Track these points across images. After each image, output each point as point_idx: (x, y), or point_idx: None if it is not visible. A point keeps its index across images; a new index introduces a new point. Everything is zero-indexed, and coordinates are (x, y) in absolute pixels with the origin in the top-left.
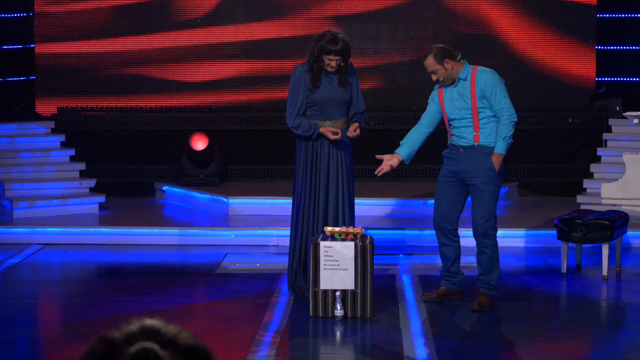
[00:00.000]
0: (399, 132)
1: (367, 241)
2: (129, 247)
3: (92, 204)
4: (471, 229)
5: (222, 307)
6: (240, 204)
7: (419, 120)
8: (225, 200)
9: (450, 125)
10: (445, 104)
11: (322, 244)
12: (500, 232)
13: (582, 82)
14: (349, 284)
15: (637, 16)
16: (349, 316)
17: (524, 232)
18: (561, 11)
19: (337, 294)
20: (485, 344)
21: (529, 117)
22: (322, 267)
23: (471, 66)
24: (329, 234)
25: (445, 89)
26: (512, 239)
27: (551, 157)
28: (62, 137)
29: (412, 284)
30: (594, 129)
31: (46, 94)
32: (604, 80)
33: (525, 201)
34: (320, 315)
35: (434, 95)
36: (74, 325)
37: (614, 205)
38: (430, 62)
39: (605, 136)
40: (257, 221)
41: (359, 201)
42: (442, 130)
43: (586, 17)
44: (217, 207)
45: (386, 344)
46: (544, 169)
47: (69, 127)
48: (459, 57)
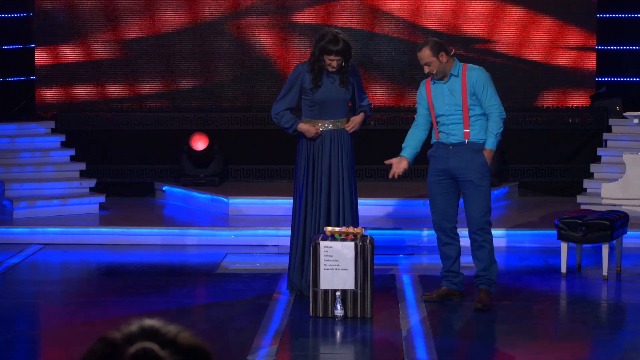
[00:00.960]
0: (399, 132)
1: (367, 241)
2: (129, 247)
3: (92, 204)
4: (466, 229)
5: (222, 307)
6: (240, 204)
7: (411, 126)
8: (225, 200)
9: (438, 122)
10: (434, 99)
11: (322, 244)
12: (500, 232)
13: (582, 82)
14: (349, 284)
15: (637, 16)
16: (349, 316)
17: (524, 232)
18: (561, 11)
19: (337, 294)
20: (485, 344)
21: (529, 117)
22: (322, 267)
23: (461, 63)
24: (329, 234)
25: (434, 84)
26: (512, 239)
27: (551, 157)
28: (62, 137)
29: (412, 284)
30: (594, 129)
31: (46, 94)
32: (604, 80)
33: (525, 201)
34: (320, 315)
35: (422, 92)
36: (74, 325)
37: (614, 205)
38: (426, 54)
39: (605, 136)
40: (257, 221)
41: (360, 201)
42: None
43: (586, 17)
44: (217, 207)
45: (386, 344)
46: (544, 169)
47: (69, 127)
48: (452, 52)
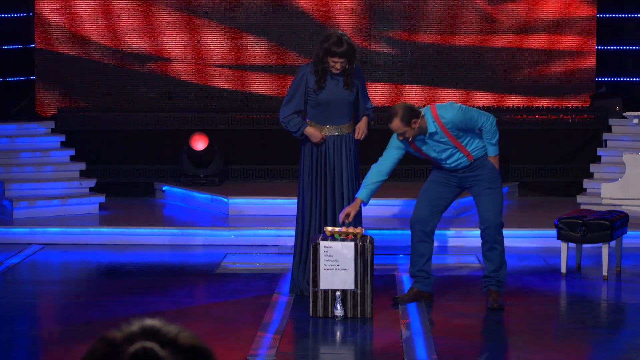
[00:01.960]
0: None
1: (367, 241)
2: (129, 247)
3: (92, 204)
4: (472, 229)
5: (222, 307)
6: (240, 204)
7: (375, 165)
8: (225, 200)
9: (438, 163)
10: (423, 150)
11: (322, 244)
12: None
13: (582, 82)
14: (349, 284)
15: (637, 16)
16: (349, 316)
17: (524, 232)
18: (561, 11)
19: (337, 294)
20: (485, 344)
21: (529, 117)
22: (322, 267)
23: (429, 111)
24: (329, 234)
25: (416, 141)
26: (512, 239)
27: (551, 157)
28: (62, 137)
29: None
30: (594, 129)
31: (46, 94)
32: (604, 80)
33: (525, 201)
34: (320, 315)
35: (404, 143)
36: (74, 325)
37: (614, 205)
38: (397, 126)
39: (605, 136)
40: (257, 221)
41: None
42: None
43: (586, 17)
44: (217, 207)
45: (386, 344)
46: (544, 169)
47: (69, 127)
48: (422, 112)
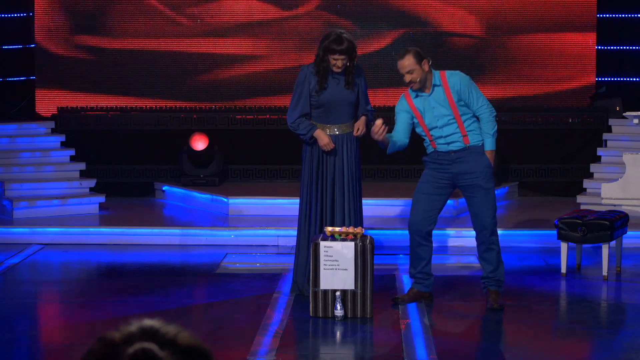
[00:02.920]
0: None
1: (367, 241)
2: (129, 247)
3: (92, 204)
4: (472, 229)
5: (222, 307)
6: (240, 204)
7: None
8: (225, 200)
9: (433, 134)
10: (423, 113)
11: (322, 244)
12: (500, 232)
13: (582, 82)
14: (349, 284)
15: (637, 16)
16: (349, 316)
17: (524, 232)
18: (561, 11)
19: (337, 294)
20: (485, 344)
21: (529, 117)
22: (322, 267)
23: (437, 71)
24: (329, 234)
25: (416, 99)
26: (512, 239)
27: (551, 157)
28: (62, 137)
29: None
30: (594, 129)
31: (46, 94)
32: (604, 80)
33: (525, 201)
34: (320, 315)
35: (404, 105)
36: (74, 325)
37: (614, 205)
38: (409, 62)
39: (605, 136)
40: (257, 221)
41: None
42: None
43: (586, 17)
44: (217, 207)
45: (386, 344)
46: (544, 169)
47: (69, 127)
48: (430, 63)
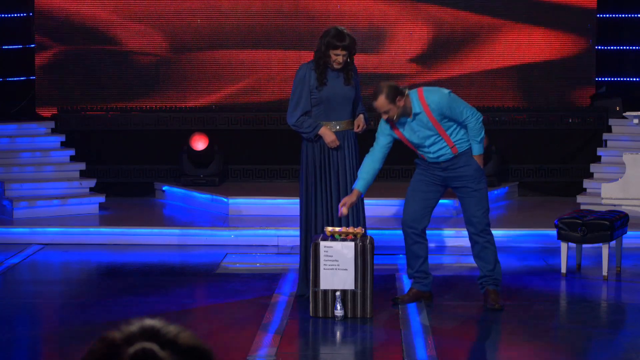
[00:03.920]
0: None
1: (367, 241)
2: (129, 247)
3: (92, 204)
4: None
5: (222, 307)
6: (240, 204)
7: (367, 155)
8: (225, 200)
9: (420, 151)
10: (406, 134)
11: (322, 244)
12: (500, 232)
13: (582, 82)
14: (349, 284)
15: (637, 16)
16: (349, 316)
17: (524, 232)
18: (561, 11)
19: (337, 294)
20: (485, 344)
21: (529, 117)
22: (322, 267)
23: (415, 92)
24: (329, 234)
25: (398, 123)
26: (512, 239)
27: (551, 157)
28: (62, 137)
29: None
30: (594, 129)
31: (46, 94)
32: (604, 80)
33: (525, 201)
34: (320, 315)
35: (385, 128)
36: (74, 325)
37: (614, 205)
38: (382, 103)
39: (605, 136)
40: (257, 221)
41: None
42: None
43: (586, 17)
44: (217, 207)
45: (386, 344)
46: (544, 169)
47: (69, 127)
48: (406, 92)
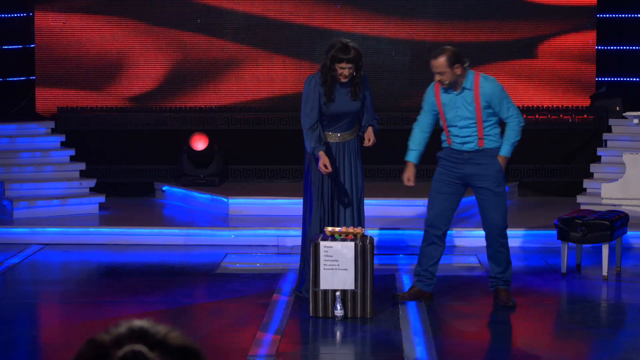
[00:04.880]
0: (400, 132)
1: (367, 241)
2: (129, 247)
3: (92, 204)
4: (472, 229)
5: (222, 307)
6: (240, 204)
7: (415, 126)
8: (225, 200)
9: (450, 130)
10: (445, 109)
11: (322, 244)
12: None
13: (582, 82)
14: (349, 284)
15: (637, 16)
16: (349, 316)
17: (524, 232)
18: (561, 11)
19: (337, 294)
20: (485, 344)
21: (529, 117)
22: (322, 267)
23: (472, 72)
24: (329, 234)
25: (444, 93)
26: (512, 239)
27: (551, 157)
28: (62, 137)
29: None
30: (594, 129)
31: (46, 94)
32: (604, 80)
33: (525, 201)
34: (320, 315)
35: (430, 97)
36: (74, 325)
37: (614, 205)
38: (441, 63)
39: (605, 136)
40: (257, 221)
41: None
42: (439, 130)
43: (586, 17)
44: (217, 207)
45: (386, 344)
46: (544, 169)
47: (69, 127)
48: (467, 64)
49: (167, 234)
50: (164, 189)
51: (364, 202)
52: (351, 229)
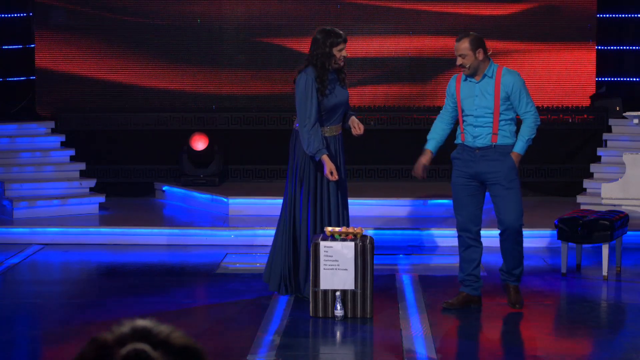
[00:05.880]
0: (400, 133)
1: (367, 241)
2: (129, 247)
3: (92, 204)
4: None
5: (222, 307)
6: (240, 204)
7: (436, 119)
8: (225, 200)
9: (464, 121)
10: (463, 98)
11: (322, 244)
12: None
13: (582, 82)
14: (349, 284)
15: (637, 16)
16: (349, 316)
17: (524, 232)
18: (561, 11)
19: (337, 294)
20: (485, 344)
21: None
22: (322, 267)
23: (496, 65)
24: (329, 234)
25: (465, 82)
26: None
27: (551, 157)
28: (62, 137)
29: (412, 284)
30: (594, 129)
31: (46, 94)
32: (604, 80)
33: (525, 201)
34: (320, 315)
35: (452, 87)
36: (74, 325)
37: (614, 205)
38: (464, 46)
39: (605, 136)
40: (257, 221)
41: (359, 201)
42: (453, 134)
43: (586, 17)
44: (217, 207)
45: (386, 344)
46: (544, 169)
47: (69, 127)
48: (490, 52)
49: (167, 234)
50: (164, 189)
51: (347, 202)
52: (351, 229)
